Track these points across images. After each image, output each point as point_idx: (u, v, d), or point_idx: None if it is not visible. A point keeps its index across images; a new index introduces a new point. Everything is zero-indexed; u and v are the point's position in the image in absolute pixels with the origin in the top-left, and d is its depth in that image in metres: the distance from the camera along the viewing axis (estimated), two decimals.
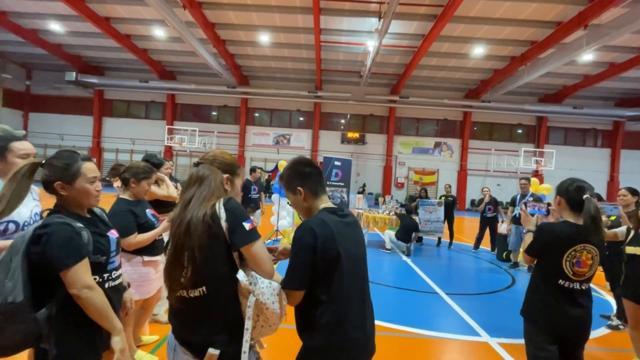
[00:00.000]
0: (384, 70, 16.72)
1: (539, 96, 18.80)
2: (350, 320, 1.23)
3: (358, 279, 1.30)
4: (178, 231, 1.14)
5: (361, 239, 1.39)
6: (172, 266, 1.14)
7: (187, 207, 1.16)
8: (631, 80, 15.86)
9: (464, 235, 9.82)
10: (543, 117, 19.08)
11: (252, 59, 16.61)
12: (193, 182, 1.23)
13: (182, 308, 1.14)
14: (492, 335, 3.31)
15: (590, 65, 14.61)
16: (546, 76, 15.33)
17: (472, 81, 17.53)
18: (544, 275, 1.87)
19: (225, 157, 1.31)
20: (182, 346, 1.13)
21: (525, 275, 5.78)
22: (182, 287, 1.13)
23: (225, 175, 1.26)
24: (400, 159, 19.86)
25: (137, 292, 2.41)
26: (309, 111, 19.81)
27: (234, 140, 19.68)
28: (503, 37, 12.77)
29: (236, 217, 1.14)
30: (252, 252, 1.14)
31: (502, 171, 19.12)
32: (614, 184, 19.15)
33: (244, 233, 1.13)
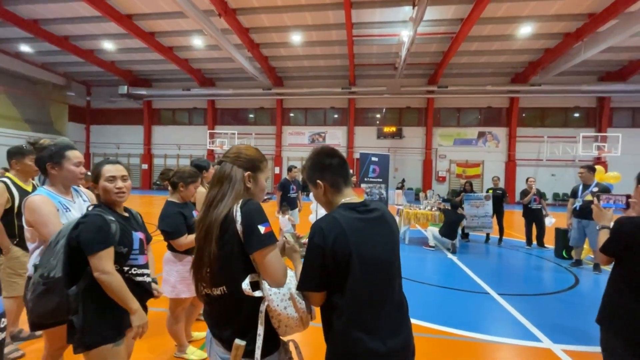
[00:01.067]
0: (420, 60, 16.05)
1: (599, 75, 16.87)
2: (367, 328, 1.11)
3: (380, 283, 1.16)
4: (200, 231, 1.17)
5: (389, 238, 1.21)
6: (197, 266, 1.18)
7: (209, 207, 1.18)
8: None
9: (515, 231, 9.11)
10: (605, 98, 17.10)
11: (286, 60, 16.84)
12: (216, 181, 1.22)
13: (209, 305, 1.20)
14: (556, 342, 3.00)
15: None
16: (607, 52, 13.68)
17: (519, 64, 16.21)
18: (628, 278, 1.62)
19: (248, 153, 1.26)
20: (215, 339, 1.19)
21: (591, 275, 5.20)
22: (206, 286, 1.16)
23: (247, 173, 1.23)
24: (441, 151, 18.99)
25: (187, 290, 2.53)
26: (343, 108, 19.67)
27: (270, 140, 20.13)
28: (554, 12, 11.60)
29: (252, 220, 1.11)
30: (262, 258, 1.11)
31: (557, 160, 17.48)
32: None
33: (257, 237, 1.10)
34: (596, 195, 1.97)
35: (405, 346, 1.17)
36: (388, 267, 1.19)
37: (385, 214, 1.25)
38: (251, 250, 1.10)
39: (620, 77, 16.07)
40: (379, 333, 1.12)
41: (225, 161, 1.24)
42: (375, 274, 1.15)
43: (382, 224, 1.22)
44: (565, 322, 3.42)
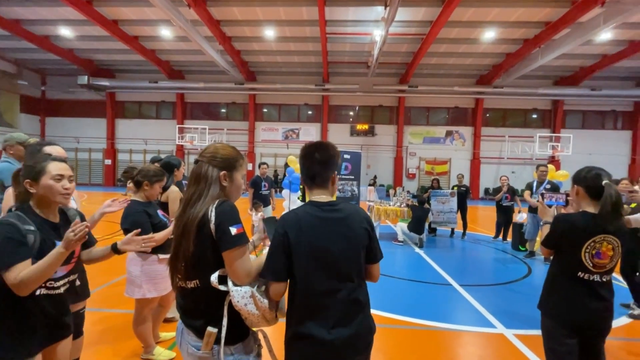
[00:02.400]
0: (392, 60, 16.42)
1: (554, 79, 18.14)
2: (314, 317, 1.21)
3: (330, 276, 1.22)
4: (177, 228, 1.23)
5: (346, 237, 1.25)
6: (173, 260, 1.23)
7: (186, 206, 1.22)
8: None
9: (478, 225, 9.66)
10: (559, 101, 18.44)
11: (259, 55, 16.58)
12: (193, 180, 1.26)
13: (183, 297, 1.26)
14: (508, 327, 3.26)
15: (609, 44, 13.97)
16: (561, 58, 14.73)
17: (484, 67, 17.04)
18: (563, 268, 1.81)
19: (224, 152, 1.29)
20: (188, 328, 1.24)
21: (542, 265, 5.65)
22: (181, 279, 1.23)
23: (223, 172, 1.26)
24: (411, 149, 19.60)
25: (154, 290, 2.49)
26: (317, 104, 19.71)
27: (243, 136, 19.79)
28: (515, 19, 12.31)
29: (224, 221, 1.16)
30: (231, 258, 1.17)
31: (516, 158, 18.65)
32: (635, 167, 18.44)
33: (228, 238, 1.16)
34: (541, 194, 2.17)
35: (353, 338, 1.22)
36: (341, 264, 1.24)
37: (349, 216, 1.29)
38: (223, 249, 1.16)
39: (572, 81, 17.38)
40: (326, 322, 1.20)
41: (201, 161, 1.27)
42: (326, 268, 1.22)
43: (343, 225, 1.27)
44: (517, 309, 3.72)
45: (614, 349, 2.88)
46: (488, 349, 2.90)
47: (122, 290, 2.59)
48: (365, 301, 1.32)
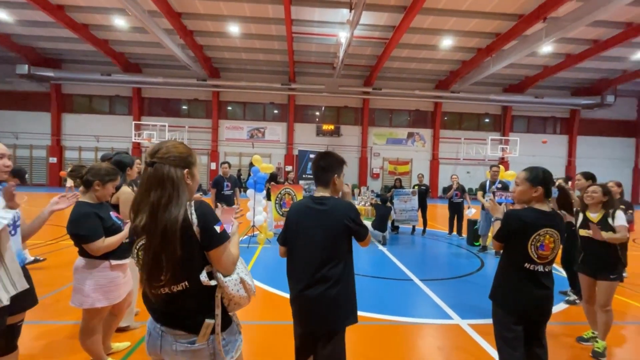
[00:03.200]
0: (357, 62, 16.75)
1: (504, 86, 19.62)
2: (295, 275, 1.76)
3: (311, 248, 1.71)
4: (152, 237, 1.17)
5: (325, 224, 1.71)
6: (151, 269, 1.19)
7: (156, 212, 1.17)
8: (585, 70, 16.90)
9: (437, 222, 10.15)
10: (508, 107, 19.97)
11: (222, 51, 16.08)
12: (153, 184, 1.20)
13: (167, 302, 1.24)
14: (463, 317, 3.46)
15: (549, 57, 15.39)
16: (510, 67, 15.99)
17: (442, 72, 17.97)
18: (512, 260, 1.95)
19: (179, 150, 1.26)
20: (174, 330, 1.25)
21: (493, 258, 6.07)
22: (163, 286, 1.20)
23: (185, 171, 1.25)
24: (375, 149, 20.14)
25: (105, 298, 2.30)
26: (283, 104, 19.55)
27: (206, 134, 19.10)
28: (470, 29, 13.12)
29: (207, 221, 1.22)
30: (218, 254, 1.24)
31: (471, 159, 19.90)
32: (571, 168, 20.51)
33: (214, 237, 1.22)
34: (492, 192, 2.33)
35: (319, 297, 1.67)
36: (317, 242, 1.70)
37: (331, 209, 1.73)
38: (209, 248, 1.22)
39: (519, 89, 18.92)
40: (301, 281, 1.72)
41: (158, 162, 1.22)
42: (310, 241, 1.71)
43: (324, 215, 1.73)
44: (471, 300, 3.96)
45: (552, 332, 3.17)
46: (445, 340, 3.05)
47: (67, 300, 2.37)
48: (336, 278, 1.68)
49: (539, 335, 1.94)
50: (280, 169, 19.25)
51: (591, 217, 2.84)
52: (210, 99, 19.04)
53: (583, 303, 3.03)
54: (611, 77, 17.80)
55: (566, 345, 3.01)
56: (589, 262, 2.85)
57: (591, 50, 13.99)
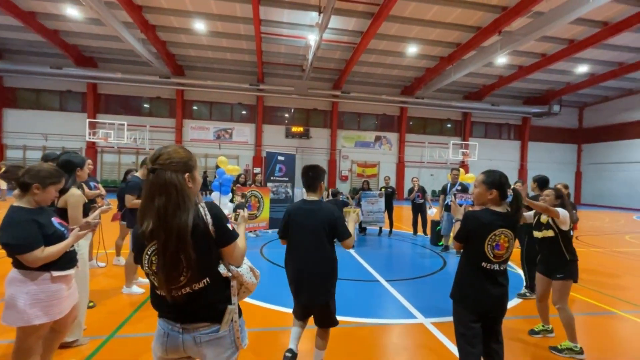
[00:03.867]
0: (326, 65, 16.87)
1: (464, 94, 20.74)
2: (293, 261, 2.31)
3: (304, 238, 2.25)
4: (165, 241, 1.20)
5: (314, 218, 2.25)
6: (170, 272, 1.23)
7: (164, 218, 1.21)
8: (535, 81, 18.35)
9: (403, 224, 10.44)
10: (467, 113, 21.13)
11: (187, 48, 15.47)
12: (156, 191, 1.23)
13: (191, 299, 1.30)
14: (427, 316, 3.55)
15: (504, 68, 16.51)
16: (469, 76, 16.95)
17: (407, 78, 18.62)
18: (470, 259, 2.01)
19: (180, 155, 1.30)
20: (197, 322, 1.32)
21: (455, 257, 6.33)
22: (184, 286, 1.27)
23: (186, 175, 1.28)
24: (344, 152, 20.38)
25: (45, 314, 2.06)
26: (251, 104, 19.22)
27: (169, 134, 18.25)
28: (433, 38, 13.72)
29: (221, 221, 1.32)
30: (231, 249, 1.36)
31: (434, 162, 20.78)
32: (523, 171, 22.12)
33: (228, 234, 1.33)
34: (454, 194, 2.40)
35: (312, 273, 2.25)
36: (309, 232, 2.24)
37: (319, 210, 2.27)
38: (224, 244, 1.33)
39: (477, 97, 20.10)
40: (298, 260, 2.28)
41: (159, 169, 1.24)
42: (303, 232, 2.26)
43: (312, 213, 2.27)
44: (435, 299, 4.08)
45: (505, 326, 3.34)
46: (410, 339, 3.10)
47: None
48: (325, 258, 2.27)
49: (495, 331, 2.02)
50: (248, 171, 18.87)
51: (542, 219, 3.02)
52: (174, 98, 18.24)
53: (537, 300, 3.20)
54: (557, 88, 19.48)
55: (519, 339, 3.18)
56: (543, 262, 3.03)
57: (540, 63, 15.21)
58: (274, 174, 8.33)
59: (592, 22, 12.02)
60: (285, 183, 8.55)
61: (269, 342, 2.96)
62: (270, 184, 8.16)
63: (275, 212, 8.18)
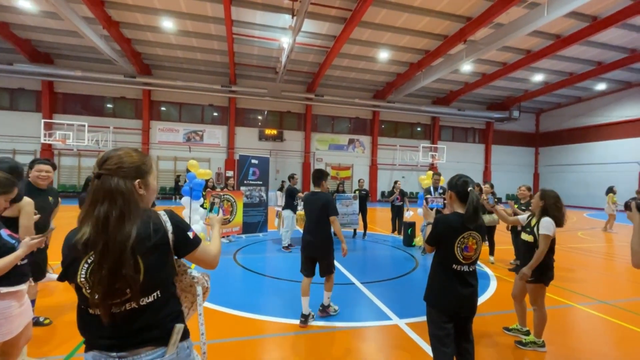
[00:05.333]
0: (300, 68, 16.89)
1: (433, 99, 21.58)
2: (307, 232, 3.53)
3: (312, 218, 3.49)
4: (103, 254, 1.09)
5: (317, 203, 3.47)
6: (109, 287, 1.10)
7: (104, 227, 1.10)
8: (497, 88, 19.48)
9: (376, 225, 10.62)
10: (436, 117, 21.98)
11: (154, 47, 14.87)
12: (99, 198, 1.13)
13: (133, 317, 1.15)
14: (401, 317, 3.61)
15: (469, 75, 17.38)
16: (437, 82, 17.66)
17: (379, 83, 19.07)
18: (441, 262, 2.07)
19: (131, 160, 1.21)
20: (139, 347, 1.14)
21: (428, 257, 6.53)
22: (129, 300, 1.13)
23: (137, 181, 1.20)
24: (318, 155, 20.46)
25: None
26: (223, 106, 18.82)
27: (135, 136, 17.42)
28: (403, 44, 14.16)
29: (182, 229, 1.26)
30: (197, 255, 1.31)
31: (405, 165, 21.40)
32: (487, 172, 23.34)
33: (189, 243, 1.27)
34: (425, 198, 2.46)
35: (313, 242, 3.48)
36: (313, 214, 3.50)
37: (318, 199, 3.48)
38: (187, 253, 1.28)
39: (445, 102, 20.98)
40: (310, 234, 3.51)
41: (105, 174, 1.15)
42: (311, 214, 3.52)
43: (315, 200, 3.50)
44: (408, 299, 4.17)
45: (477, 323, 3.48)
46: (385, 341, 3.14)
47: None
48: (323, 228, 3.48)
49: (466, 331, 2.09)
50: (220, 174, 18.41)
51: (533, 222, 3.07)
52: (140, 98, 17.44)
53: (513, 300, 3.30)
54: (516, 95, 20.79)
55: (489, 335, 3.33)
56: (521, 264, 3.09)
57: (501, 71, 16.16)
58: (247, 177, 8.18)
59: (547, 35, 12.96)
60: (259, 187, 8.42)
61: (240, 353, 2.88)
62: (243, 188, 8.00)
63: (249, 217, 8.02)
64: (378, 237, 8.72)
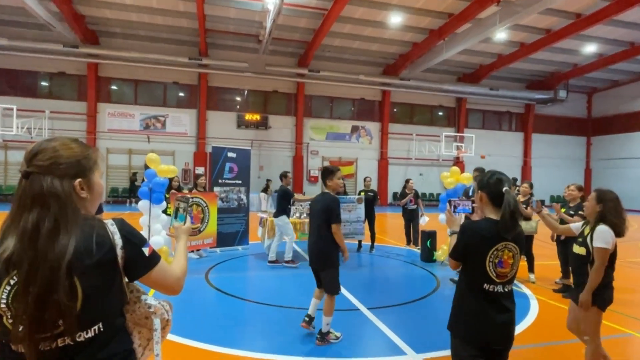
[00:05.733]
0: (289, 36, 16.86)
1: (458, 75, 21.69)
2: (309, 238, 4.16)
3: (312, 224, 4.01)
4: (29, 274, 1.07)
5: (317, 207, 3.90)
6: (39, 318, 1.08)
7: (33, 241, 1.08)
8: (539, 62, 19.61)
9: (387, 236, 10.65)
10: (462, 99, 22.12)
11: (102, 8, 14.79)
12: (27, 203, 1.12)
13: (68, 357, 1.13)
14: (418, 352, 3.63)
15: (504, 45, 17.48)
16: (464, 54, 17.72)
17: (390, 55, 19.11)
18: (469, 281, 2.07)
19: (70, 154, 1.19)
20: None
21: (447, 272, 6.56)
22: (61, 335, 1.11)
23: (77, 181, 1.18)
24: (313, 146, 20.47)
25: None
26: (191, 84, 18.79)
27: (78, 123, 17.36)
28: (420, 5, 14.20)
29: (135, 243, 1.24)
30: (154, 277, 1.28)
31: (424, 159, 21.48)
32: (527, 168, 23.53)
33: (144, 261, 1.26)
34: (449, 201, 2.47)
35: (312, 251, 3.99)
36: (313, 218, 3.99)
37: (322, 200, 3.91)
38: (141, 274, 1.26)
39: (474, 79, 21.10)
40: (310, 241, 4.09)
41: (37, 172, 1.13)
42: (310, 219, 4.10)
43: (316, 203, 4.00)
44: (427, 330, 4.20)
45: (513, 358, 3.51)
46: None
47: None
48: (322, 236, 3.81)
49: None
50: (187, 172, 18.35)
51: (586, 231, 3.07)
52: (84, 74, 17.34)
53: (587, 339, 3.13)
54: (563, 71, 20.95)
55: None
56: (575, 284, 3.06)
57: (544, 40, 16.27)
58: (222, 175, 8.16)
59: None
60: (238, 187, 8.41)
61: None
62: (217, 189, 7.99)
63: (224, 226, 8.00)
64: (389, 250, 8.75)
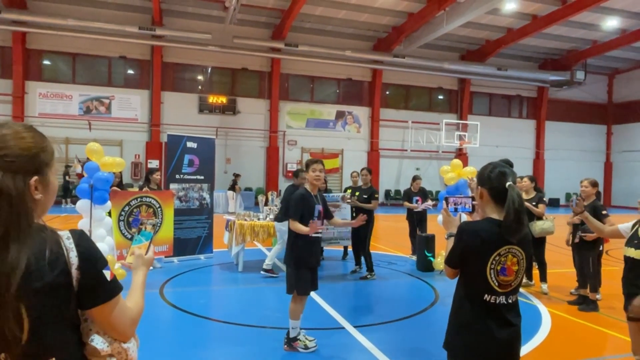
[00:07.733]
0: (262, 3, 16.78)
1: (461, 52, 21.97)
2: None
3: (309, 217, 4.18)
4: None
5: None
6: None
7: None
8: (553, 38, 20.06)
9: (379, 242, 10.75)
10: (466, 80, 22.43)
11: None
12: None
13: None
14: None
15: (513, 17, 17.81)
16: (467, 27, 17.98)
17: (382, 27, 19.21)
18: (468, 292, 2.11)
19: (25, 143, 1.15)
20: None
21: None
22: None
23: (34, 179, 1.14)
24: (290, 135, 20.44)
25: None
26: (142, 60, 18.58)
27: (1, 106, 17.01)
28: None
29: (93, 264, 1.19)
30: (108, 310, 1.22)
31: (421, 150, 21.73)
32: (539, 161, 24.06)
33: (103, 288, 1.20)
34: (445, 198, 2.51)
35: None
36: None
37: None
38: (96, 304, 1.19)
39: (479, 57, 21.41)
40: None
41: None
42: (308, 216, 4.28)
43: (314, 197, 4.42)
44: (423, 349, 4.28)
45: None
46: None
47: None
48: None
49: None
50: (138, 165, 18.06)
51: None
52: (8, 45, 16.89)
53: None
54: (581, 49, 21.49)
55: None
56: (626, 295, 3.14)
57: (559, 12, 16.63)
58: (180, 169, 8.08)
59: None
60: (200, 184, 8.34)
61: None
62: (174, 186, 7.91)
63: (183, 231, 7.93)
64: (380, 257, 8.83)
